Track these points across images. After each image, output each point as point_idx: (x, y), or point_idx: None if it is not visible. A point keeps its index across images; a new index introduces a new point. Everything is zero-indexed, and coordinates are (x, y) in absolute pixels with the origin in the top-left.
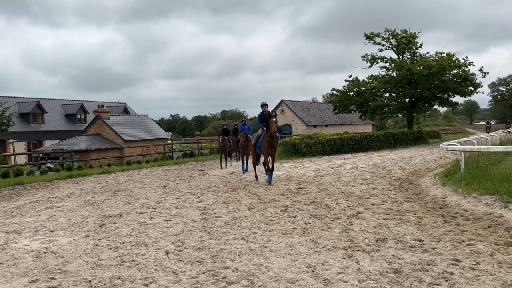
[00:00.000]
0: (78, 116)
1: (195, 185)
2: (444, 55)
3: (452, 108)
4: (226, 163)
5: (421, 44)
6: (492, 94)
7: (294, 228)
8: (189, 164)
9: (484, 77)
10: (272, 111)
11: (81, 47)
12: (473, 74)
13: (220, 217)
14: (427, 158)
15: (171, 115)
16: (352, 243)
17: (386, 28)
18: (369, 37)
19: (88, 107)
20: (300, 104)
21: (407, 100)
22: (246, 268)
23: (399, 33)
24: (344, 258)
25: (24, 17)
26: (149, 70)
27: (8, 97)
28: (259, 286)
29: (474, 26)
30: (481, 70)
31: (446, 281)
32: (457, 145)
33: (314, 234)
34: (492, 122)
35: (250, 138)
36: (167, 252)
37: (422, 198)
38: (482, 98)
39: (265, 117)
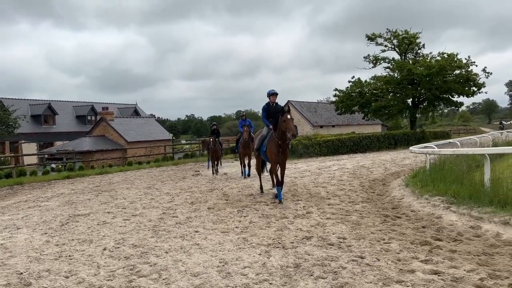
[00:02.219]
0: (89, 118)
1: (179, 186)
2: (446, 55)
3: (456, 108)
4: (217, 169)
5: (423, 44)
6: (510, 93)
7: (236, 227)
8: (188, 165)
9: (487, 77)
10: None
11: (103, 49)
12: (476, 75)
13: (177, 216)
14: (419, 159)
15: (186, 116)
16: (277, 241)
17: (387, 29)
18: (371, 38)
19: (99, 108)
20: (307, 104)
21: (409, 100)
22: (164, 263)
23: (400, 34)
24: (259, 254)
25: (49, 19)
26: (168, 71)
27: (21, 99)
28: (164, 279)
29: (496, 22)
30: (484, 70)
31: (334, 274)
32: (420, 149)
33: (250, 233)
34: (506, 122)
35: (253, 137)
36: (104, 249)
37: (382, 198)
38: (502, 97)
39: (272, 111)
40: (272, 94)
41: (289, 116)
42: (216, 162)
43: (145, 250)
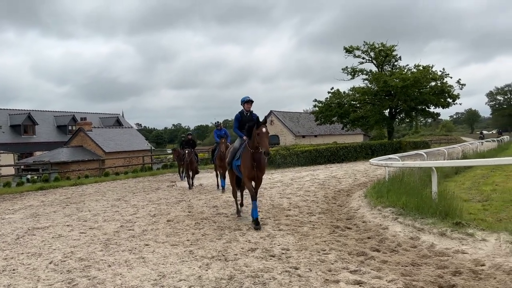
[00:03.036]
0: (70, 128)
1: (149, 197)
2: (421, 67)
3: (433, 119)
4: (193, 183)
5: (400, 57)
6: (490, 103)
7: (187, 240)
8: (166, 175)
9: (461, 89)
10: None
11: (90, 58)
12: (451, 86)
13: (133, 229)
14: (391, 169)
15: (173, 125)
16: (222, 253)
17: (364, 42)
18: (349, 51)
19: (81, 118)
20: (290, 114)
21: (386, 111)
22: (103, 277)
23: (377, 46)
24: (199, 267)
25: (36, 28)
26: (156, 80)
27: (1, 109)
28: None
29: (479, 35)
30: (458, 82)
31: (262, 285)
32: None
33: (198, 245)
34: (488, 132)
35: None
36: (50, 262)
37: (341, 209)
38: (484, 107)
39: (246, 120)
40: (247, 102)
41: (264, 130)
42: (192, 175)
43: (89, 264)
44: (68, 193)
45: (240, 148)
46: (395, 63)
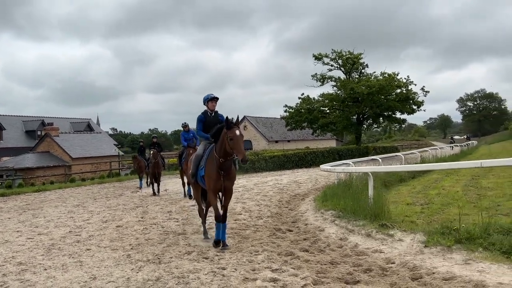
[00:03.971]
0: (39, 133)
1: (109, 203)
2: (386, 75)
3: (399, 125)
4: (158, 189)
5: (367, 64)
6: (461, 109)
7: (130, 244)
8: (133, 181)
9: (425, 96)
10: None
11: (65, 61)
12: (415, 93)
13: (80, 235)
14: (354, 174)
15: (149, 129)
16: (158, 256)
17: (332, 49)
18: (318, 58)
19: (51, 123)
20: (263, 120)
21: (354, 117)
22: (35, 280)
23: (344, 54)
24: (132, 270)
25: (10, 30)
26: (134, 84)
27: None
28: None
29: (452, 42)
30: (422, 89)
31: (185, 284)
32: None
33: (138, 250)
34: (460, 137)
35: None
36: None
37: (290, 213)
38: (457, 113)
39: (210, 122)
40: (211, 100)
41: (238, 132)
42: (157, 179)
43: (26, 268)
44: (30, 199)
45: (205, 155)
46: (363, 71)
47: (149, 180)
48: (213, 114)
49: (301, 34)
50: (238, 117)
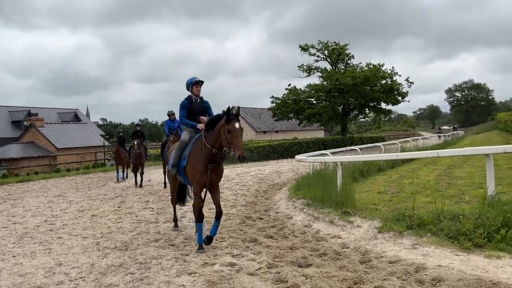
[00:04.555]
0: (25, 123)
1: (90, 193)
2: (371, 66)
3: (384, 115)
4: (141, 181)
5: (352, 55)
6: (449, 99)
7: (101, 233)
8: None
9: (409, 87)
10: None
11: (55, 50)
12: (400, 84)
13: (54, 224)
14: (330, 164)
15: (139, 120)
16: (126, 244)
17: (319, 40)
18: (304, 49)
19: (37, 113)
20: (251, 110)
21: (340, 108)
22: (2, 266)
23: (330, 45)
24: (98, 256)
25: None
26: (124, 73)
27: None
28: None
29: (443, 32)
30: (407, 80)
31: (146, 269)
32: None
33: (108, 238)
34: (449, 127)
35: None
36: None
37: (264, 202)
38: (445, 103)
39: (195, 109)
40: (195, 84)
41: (238, 126)
42: (140, 170)
43: None
44: (12, 189)
45: (191, 143)
46: (349, 61)
47: (126, 171)
48: (198, 100)
49: (294, 23)
50: (238, 108)
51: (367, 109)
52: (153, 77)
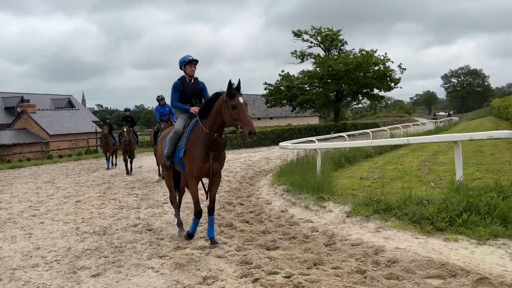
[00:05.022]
0: (18, 110)
1: (79, 180)
2: (364, 52)
3: (378, 101)
4: (131, 168)
5: (346, 41)
6: (445, 85)
7: (82, 218)
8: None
9: (402, 73)
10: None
11: (50, 35)
12: (392, 70)
13: (39, 209)
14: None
15: (135, 106)
16: (105, 228)
17: (312, 26)
18: (297, 35)
19: (30, 99)
20: (246, 97)
21: (333, 94)
22: None
23: (323, 31)
24: (75, 241)
25: None
26: (121, 59)
27: None
28: None
29: (442, 17)
30: (399, 66)
31: (120, 253)
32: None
33: (88, 223)
34: (445, 113)
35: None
36: None
37: (248, 188)
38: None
39: (189, 91)
40: (188, 63)
41: (242, 100)
42: (130, 157)
43: None
44: (3, 176)
45: (188, 131)
46: (342, 48)
47: (115, 159)
48: (192, 81)
49: (292, 8)
50: (239, 81)
51: (360, 95)
52: (149, 63)
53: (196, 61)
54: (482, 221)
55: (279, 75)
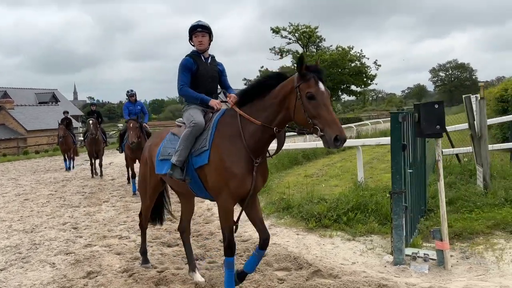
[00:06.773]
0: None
1: (43, 177)
2: (340, 49)
3: (355, 97)
4: (101, 167)
5: (324, 38)
6: (433, 79)
7: (21, 216)
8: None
9: (377, 69)
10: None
11: (44, 27)
12: (368, 67)
13: (7, 206)
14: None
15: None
16: (36, 226)
17: (290, 23)
18: (275, 31)
19: (14, 94)
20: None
21: None
22: None
23: (300, 28)
24: (1, 238)
25: None
26: (114, 51)
27: None
28: None
29: (435, 10)
30: (375, 63)
31: (35, 250)
32: None
33: (24, 221)
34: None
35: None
36: None
37: None
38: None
39: (204, 72)
40: (194, 30)
41: (323, 88)
42: (96, 156)
43: None
44: None
45: (210, 126)
46: (320, 44)
47: (73, 159)
48: (207, 60)
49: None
50: (318, 60)
51: (339, 91)
52: (143, 55)
53: (207, 28)
54: (366, 219)
55: (259, 71)
